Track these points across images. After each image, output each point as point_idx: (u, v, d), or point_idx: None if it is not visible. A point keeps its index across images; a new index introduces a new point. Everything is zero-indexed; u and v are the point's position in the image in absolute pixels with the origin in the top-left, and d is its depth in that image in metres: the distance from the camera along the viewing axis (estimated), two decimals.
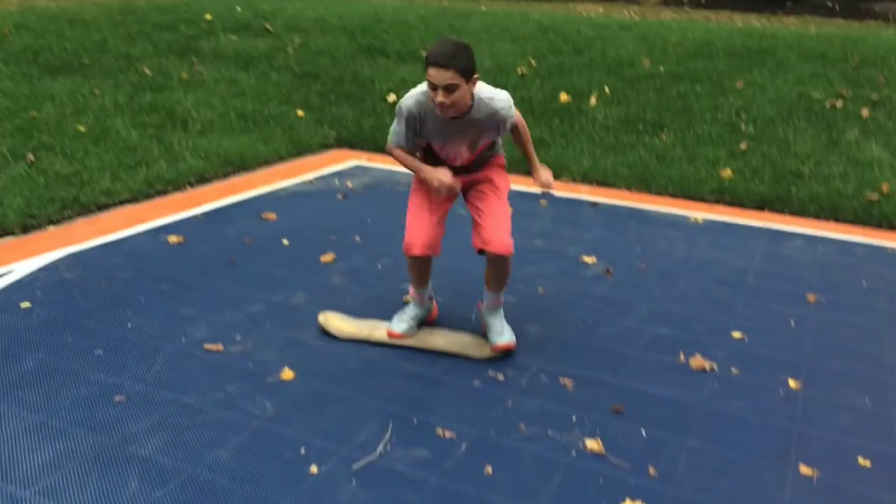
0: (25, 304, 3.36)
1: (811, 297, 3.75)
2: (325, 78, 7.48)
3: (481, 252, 2.99)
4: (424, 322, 3.25)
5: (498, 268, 3.02)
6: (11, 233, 4.15)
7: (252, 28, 8.75)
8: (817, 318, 3.53)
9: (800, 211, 5.14)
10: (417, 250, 2.98)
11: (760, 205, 5.27)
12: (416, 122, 2.86)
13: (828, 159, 5.89)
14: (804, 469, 2.43)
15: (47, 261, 3.82)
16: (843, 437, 2.62)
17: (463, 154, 2.95)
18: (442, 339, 3.14)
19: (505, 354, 3.08)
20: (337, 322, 3.22)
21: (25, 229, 4.22)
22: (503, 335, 3.06)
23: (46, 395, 2.70)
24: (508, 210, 3.04)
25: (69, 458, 2.39)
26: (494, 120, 2.85)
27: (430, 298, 3.28)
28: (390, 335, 3.13)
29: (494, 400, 2.77)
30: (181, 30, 8.32)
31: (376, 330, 3.18)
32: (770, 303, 3.69)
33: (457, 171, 3.00)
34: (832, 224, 4.92)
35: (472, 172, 3.04)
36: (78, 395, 2.72)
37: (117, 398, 2.70)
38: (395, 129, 2.92)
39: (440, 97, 2.65)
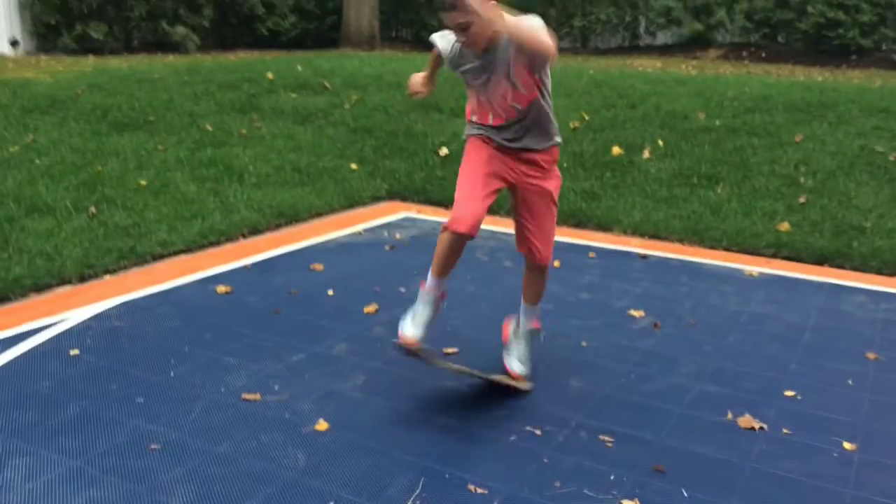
0: (74, 352, 3.43)
1: (871, 356, 3.58)
2: (379, 132, 7.61)
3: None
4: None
5: (538, 276, 3.14)
6: (69, 282, 4.28)
7: (311, 86, 8.98)
8: (877, 378, 3.36)
9: (861, 266, 4.96)
10: (465, 227, 2.76)
11: (820, 260, 5.11)
12: (455, 64, 2.83)
13: (891, 213, 5.69)
14: None
15: (100, 309, 3.91)
16: None
17: (506, 98, 2.77)
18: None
19: (511, 389, 3.08)
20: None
21: (83, 279, 4.34)
22: (523, 363, 3.08)
23: (85, 442, 2.73)
24: (551, 220, 3.06)
25: None
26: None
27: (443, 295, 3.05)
28: (401, 338, 2.92)
29: (530, 456, 2.70)
30: (244, 88, 8.60)
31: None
32: (826, 361, 3.53)
33: (514, 150, 2.88)
34: None
35: (530, 153, 2.88)
36: (115, 442, 2.74)
37: (152, 446, 2.72)
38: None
39: (459, 39, 2.65)
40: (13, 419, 2.86)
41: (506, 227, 3.08)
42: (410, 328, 2.92)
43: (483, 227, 3.11)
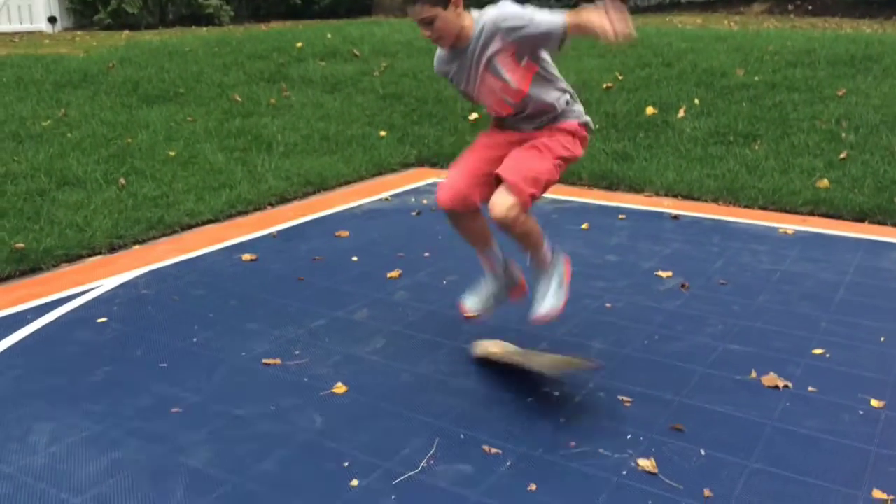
0: (102, 319, 3.49)
1: None
2: (408, 99, 7.56)
3: None
4: (506, 298, 2.94)
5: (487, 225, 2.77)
6: (99, 252, 4.34)
7: (341, 54, 8.94)
8: None
9: None
10: (445, 199, 2.71)
11: (860, 216, 4.96)
12: (445, 74, 2.78)
13: None
14: (878, 494, 2.22)
15: (127, 278, 3.97)
16: None
17: (495, 91, 2.67)
18: (545, 360, 2.85)
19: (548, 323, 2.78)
20: (491, 347, 3.00)
21: (112, 249, 4.40)
22: (540, 301, 2.74)
23: (109, 407, 2.78)
24: (539, 158, 2.64)
25: (122, 467, 2.44)
26: (492, 33, 2.58)
27: (508, 268, 2.93)
28: (461, 310, 2.92)
29: (546, 417, 2.67)
30: (273, 58, 8.60)
31: (519, 355, 2.90)
32: (860, 318, 3.43)
33: (512, 127, 2.76)
34: None
35: (529, 130, 2.74)
36: (138, 406, 2.78)
37: (174, 409, 2.76)
38: None
39: (425, 33, 2.60)
40: (41, 384, 2.93)
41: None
42: (470, 301, 2.93)
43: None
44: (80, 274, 4.05)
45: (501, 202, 2.57)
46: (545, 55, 2.69)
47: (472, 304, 2.92)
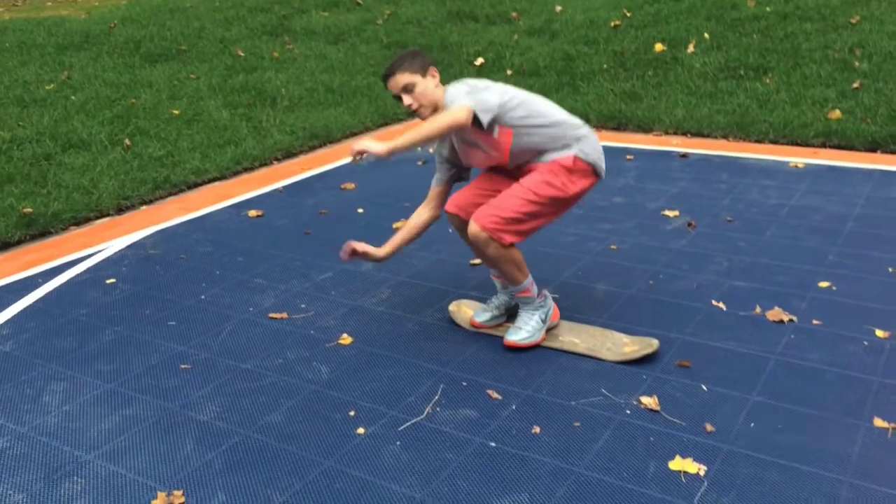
0: (111, 280, 3.53)
1: None
2: (413, 46, 7.47)
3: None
4: (511, 314, 2.93)
5: (471, 242, 2.65)
6: (107, 214, 4.37)
7: (343, 3, 8.83)
8: None
9: None
10: (448, 205, 2.82)
11: (872, 146, 4.88)
12: (439, 150, 2.86)
13: None
14: (879, 423, 2.22)
15: (135, 239, 4.00)
16: None
17: (480, 158, 2.73)
18: (573, 336, 2.81)
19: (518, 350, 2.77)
20: (467, 311, 3.02)
21: (120, 210, 4.43)
22: (515, 332, 2.77)
23: (120, 365, 2.83)
24: (518, 201, 2.60)
25: (133, 423, 2.49)
26: None
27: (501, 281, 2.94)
28: (471, 324, 2.95)
29: (549, 361, 2.69)
30: (274, 10, 8.51)
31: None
32: (867, 250, 3.40)
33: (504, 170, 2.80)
34: None
35: (520, 167, 2.75)
36: (148, 364, 2.83)
37: (183, 366, 2.80)
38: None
39: (406, 102, 2.64)
40: (52, 346, 2.98)
41: None
42: (479, 313, 2.94)
43: None
44: (89, 236, 4.09)
45: (469, 227, 2.64)
46: (524, 108, 2.61)
47: (481, 318, 2.93)
